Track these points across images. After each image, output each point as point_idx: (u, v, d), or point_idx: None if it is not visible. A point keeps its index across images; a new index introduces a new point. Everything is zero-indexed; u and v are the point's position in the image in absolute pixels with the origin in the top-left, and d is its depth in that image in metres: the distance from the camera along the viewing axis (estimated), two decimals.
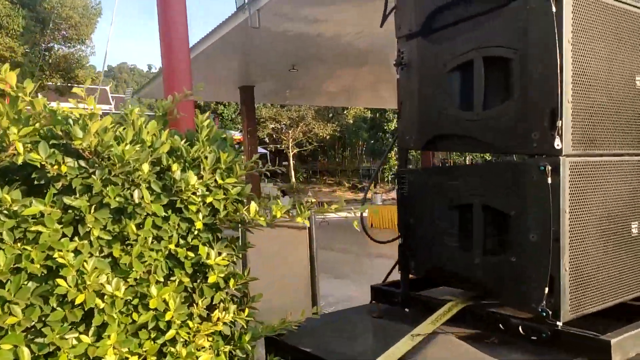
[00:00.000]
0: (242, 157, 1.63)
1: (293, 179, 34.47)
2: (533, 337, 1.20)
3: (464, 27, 1.40)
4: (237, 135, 31.55)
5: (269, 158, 35.86)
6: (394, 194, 25.52)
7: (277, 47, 12.28)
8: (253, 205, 1.45)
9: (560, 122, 1.14)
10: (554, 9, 1.15)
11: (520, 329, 1.25)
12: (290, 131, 33.13)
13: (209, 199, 1.45)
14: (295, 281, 2.91)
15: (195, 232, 1.46)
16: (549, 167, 1.15)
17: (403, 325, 1.46)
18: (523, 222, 1.23)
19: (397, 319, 1.58)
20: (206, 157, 1.49)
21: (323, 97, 21.15)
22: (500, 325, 1.31)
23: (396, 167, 1.69)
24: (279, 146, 35.61)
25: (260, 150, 28.42)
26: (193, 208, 1.44)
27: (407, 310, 1.59)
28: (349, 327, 1.60)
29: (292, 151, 34.26)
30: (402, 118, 1.62)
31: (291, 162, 34.65)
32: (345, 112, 36.02)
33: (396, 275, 1.75)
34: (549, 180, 1.15)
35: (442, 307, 1.43)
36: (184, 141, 1.54)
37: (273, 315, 1.66)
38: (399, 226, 1.62)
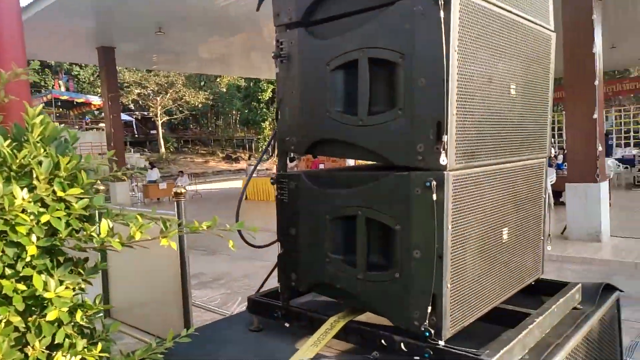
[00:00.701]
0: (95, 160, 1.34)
1: (162, 149, 32.57)
2: (416, 357, 1.17)
3: (350, 22, 1.28)
4: (96, 100, 28.63)
5: (134, 126, 33.30)
6: (268, 164, 25.51)
7: (140, 6, 11.25)
8: (105, 224, 1.19)
9: (446, 136, 1.09)
10: (441, 15, 1.08)
11: (402, 346, 1.22)
12: (158, 98, 30.99)
13: (44, 218, 1.16)
14: (165, 298, 2.63)
15: (28, 259, 1.16)
16: (434, 183, 1.10)
17: (285, 345, 1.36)
18: (407, 238, 1.19)
19: (277, 335, 1.47)
20: (40, 163, 1.19)
21: (194, 64, 20.07)
22: (382, 341, 1.26)
23: (276, 168, 1.55)
24: (146, 113, 33.21)
25: (124, 117, 26.17)
26: (22, 230, 1.14)
27: (287, 325, 1.48)
28: (226, 348, 1.45)
29: (160, 119, 32.18)
30: (281, 118, 1.47)
31: (160, 130, 32.62)
32: (218, 79, 34.69)
33: (273, 282, 1.63)
34: (434, 196, 1.10)
35: (324, 323, 1.35)
36: (7, 142, 1.20)
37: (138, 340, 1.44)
38: (279, 234, 1.50)
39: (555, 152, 13.31)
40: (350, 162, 11.49)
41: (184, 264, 2.46)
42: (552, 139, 21.33)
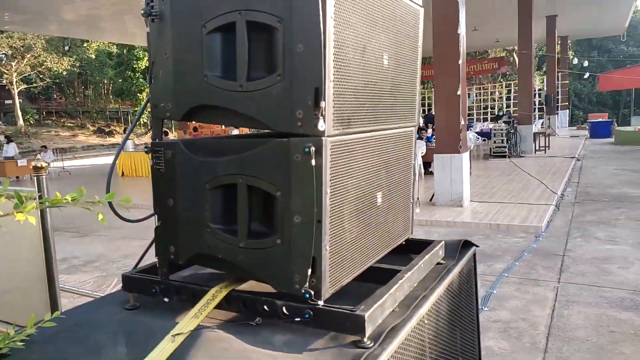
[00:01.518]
0: None
1: (21, 121, 28.97)
2: (297, 319, 1.21)
3: None
4: None
5: None
6: (147, 139, 23.99)
7: None
8: None
9: (324, 102, 1.11)
10: None
11: (284, 310, 1.24)
12: (13, 63, 27.29)
13: None
14: (28, 284, 2.37)
15: None
16: (313, 149, 1.12)
17: (163, 321, 1.30)
18: (288, 204, 1.20)
19: (155, 312, 1.41)
20: None
21: (55, 26, 17.94)
22: (265, 307, 1.27)
23: (148, 110, 1.47)
24: None
25: None
26: None
27: (167, 300, 1.42)
28: (97, 330, 1.35)
29: (17, 87, 28.45)
30: (154, 82, 1.37)
31: (17, 100, 28.90)
32: (85, 44, 31.48)
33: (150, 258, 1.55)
34: (313, 162, 1.12)
35: (205, 294, 1.33)
36: None
37: None
38: (155, 206, 1.42)
39: (423, 125, 14.36)
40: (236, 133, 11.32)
41: (48, 245, 2.23)
42: (422, 113, 23.03)
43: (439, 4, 8.44)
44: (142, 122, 35.27)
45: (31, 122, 30.21)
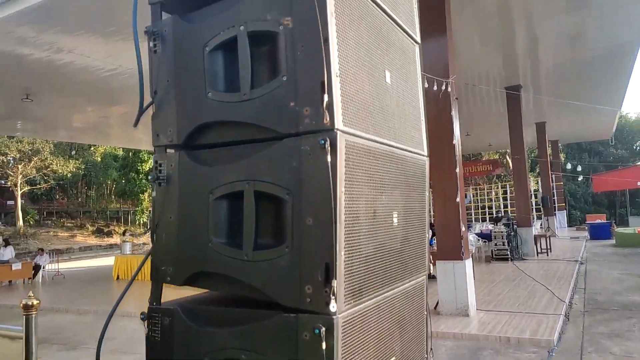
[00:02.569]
0: None
1: (20, 222, 28.94)
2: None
3: (236, 151, 1.25)
4: None
5: None
6: (146, 239, 23.81)
7: (7, 70, 10.34)
8: None
9: (335, 280, 1.06)
10: (329, 159, 1.09)
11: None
12: (20, 166, 27.93)
13: None
14: None
15: None
16: (324, 330, 1.05)
17: None
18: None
19: None
20: None
21: (65, 132, 18.65)
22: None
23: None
24: (3, 182, 29.58)
25: None
26: None
27: None
28: None
29: (20, 189, 28.82)
30: (157, 244, 1.35)
31: (19, 202, 29.12)
32: (92, 148, 32.50)
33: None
34: (324, 345, 1.04)
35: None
36: None
37: None
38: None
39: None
40: None
41: None
42: None
43: (434, 118, 8.84)
44: (140, 222, 35.28)
45: (31, 222, 30.20)
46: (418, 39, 1.74)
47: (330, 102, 1.10)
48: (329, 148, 1.09)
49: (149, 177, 1.33)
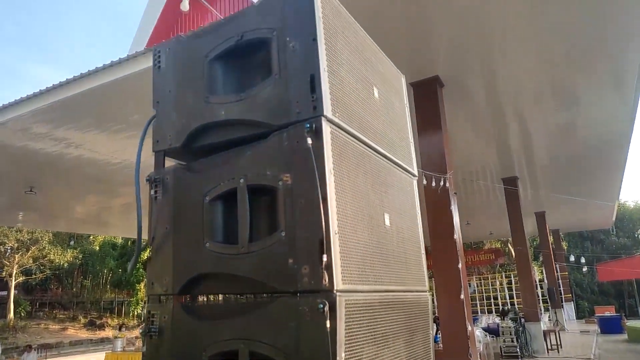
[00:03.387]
0: None
1: (11, 314, 27.98)
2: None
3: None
4: None
5: None
6: (137, 332, 22.86)
7: (14, 164, 10.58)
8: None
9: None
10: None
11: None
12: (17, 255, 27.60)
13: None
14: None
15: None
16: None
17: None
18: None
19: None
20: None
21: (66, 223, 18.65)
22: None
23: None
24: None
25: None
26: None
27: None
28: None
29: (15, 280, 28.23)
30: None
31: (12, 293, 28.38)
32: (91, 237, 32.34)
33: None
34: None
35: None
36: None
37: None
38: None
39: None
40: None
41: None
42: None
43: (433, 211, 8.87)
44: (135, 314, 34.13)
45: (22, 314, 29.20)
46: (415, 171, 1.78)
47: (329, 262, 1.09)
48: (328, 312, 1.07)
49: (140, 331, 1.29)
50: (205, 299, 1.29)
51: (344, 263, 1.18)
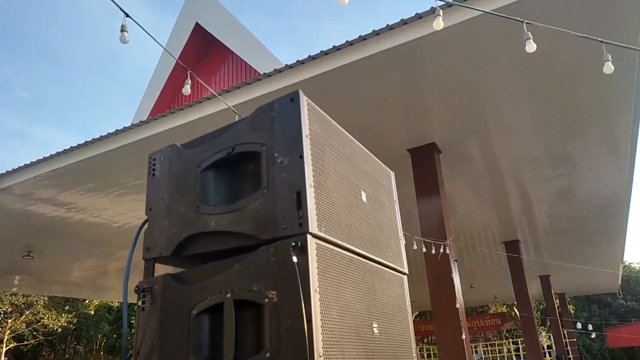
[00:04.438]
0: None
1: None
2: None
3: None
4: None
5: None
6: None
7: (14, 228, 10.57)
8: None
9: None
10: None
11: None
12: (9, 320, 26.89)
13: None
14: None
15: None
16: None
17: None
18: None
19: None
20: None
21: (62, 287, 18.38)
22: None
23: None
24: None
25: None
26: None
27: None
28: None
29: (6, 347, 27.32)
30: None
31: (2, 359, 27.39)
32: (86, 300, 31.69)
33: None
34: None
35: None
36: None
37: None
38: None
39: None
40: None
41: None
42: None
43: (434, 278, 8.74)
44: None
45: None
46: (405, 269, 1.78)
47: None
48: None
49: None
50: None
51: None
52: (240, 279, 1.28)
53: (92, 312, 32.38)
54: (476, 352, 28.10)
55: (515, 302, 26.32)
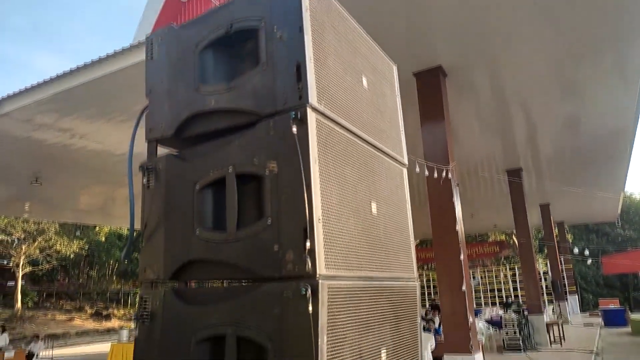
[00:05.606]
0: None
1: (19, 304, 28.29)
2: None
3: (223, 294, 1.26)
4: None
5: None
6: None
7: (19, 155, 10.67)
8: None
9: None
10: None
11: None
12: (24, 246, 27.85)
13: None
14: None
15: None
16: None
17: None
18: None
19: None
20: None
21: (71, 213, 18.82)
22: None
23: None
24: (5, 262, 29.30)
25: None
26: None
27: None
28: None
29: (22, 270, 28.51)
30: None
31: (19, 283, 28.67)
32: (97, 228, 32.58)
33: None
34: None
35: None
36: None
37: None
38: None
39: (430, 314, 13.81)
40: None
41: None
42: (429, 297, 22.52)
43: (435, 202, 8.88)
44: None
45: (29, 305, 29.52)
46: (405, 161, 1.79)
47: (312, 247, 1.12)
48: (311, 297, 1.09)
49: (133, 316, 1.34)
50: (195, 285, 1.32)
51: (327, 249, 1.20)
52: (241, 153, 1.29)
53: (103, 239, 33.42)
54: (474, 277, 29.06)
55: (514, 231, 26.93)
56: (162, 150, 1.51)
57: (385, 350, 1.39)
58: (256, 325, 1.17)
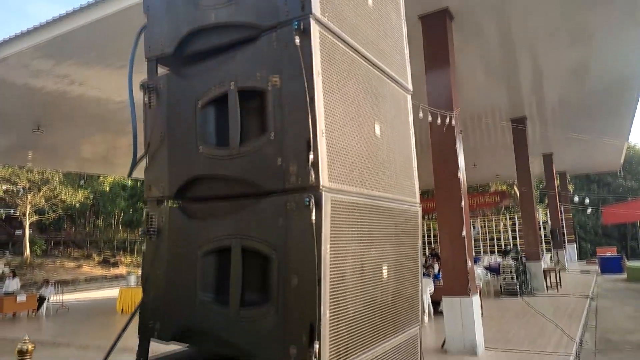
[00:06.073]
0: None
1: (28, 252, 28.97)
2: None
3: (226, 206, 1.26)
4: None
5: None
6: None
7: (19, 103, 10.59)
8: None
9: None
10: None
11: None
12: (29, 196, 28.19)
13: None
14: None
15: None
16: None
17: None
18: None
19: None
20: None
21: (74, 162, 18.90)
22: None
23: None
24: (12, 212, 29.75)
25: None
26: None
27: None
28: None
29: (29, 219, 28.99)
30: (145, 298, 1.35)
31: (27, 231, 29.23)
32: (101, 178, 32.83)
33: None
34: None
35: None
36: None
37: None
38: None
39: (429, 261, 14.10)
40: None
41: None
42: (430, 246, 22.92)
43: (438, 148, 8.86)
44: None
45: (38, 252, 30.22)
46: (410, 87, 1.76)
47: (316, 160, 1.11)
48: (314, 207, 1.10)
49: (140, 231, 1.34)
50: (200, 200, 1.33)
51: (330, 163, 1.19)
52: (243, 68, 1.27)
53: (107, 189, 33.75)
54: (474, 227, 29.42)
55: (515, 181, 27.01)
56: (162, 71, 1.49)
57: (386, 267, 1.42)
58: (261, 237, 1.18)
